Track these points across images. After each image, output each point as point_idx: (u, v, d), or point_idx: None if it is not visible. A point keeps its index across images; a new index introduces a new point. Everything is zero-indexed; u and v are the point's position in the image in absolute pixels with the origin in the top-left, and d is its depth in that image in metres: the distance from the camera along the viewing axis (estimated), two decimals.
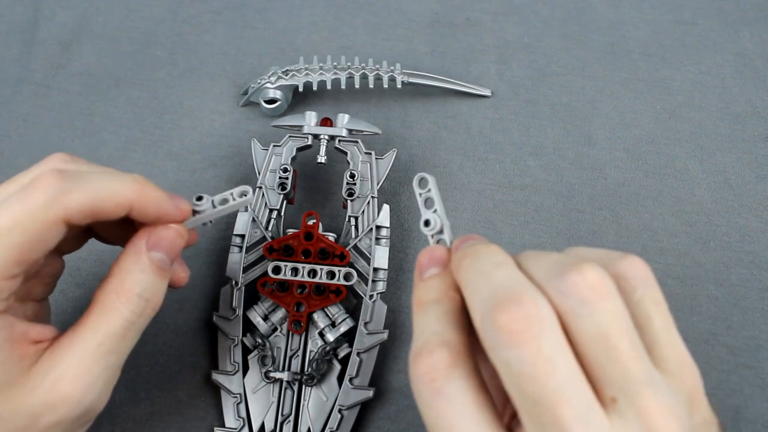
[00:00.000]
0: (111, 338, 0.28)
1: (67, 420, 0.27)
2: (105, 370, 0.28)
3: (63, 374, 0.27)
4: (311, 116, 0.41)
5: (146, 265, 0.29)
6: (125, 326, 0.28)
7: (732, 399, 0.38)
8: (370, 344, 0.37)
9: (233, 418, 0.36)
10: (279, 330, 0.37)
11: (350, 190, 0.40)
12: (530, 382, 0.21)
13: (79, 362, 0.27)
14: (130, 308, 0.28)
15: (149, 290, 0.29)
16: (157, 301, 0.29)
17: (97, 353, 0.28)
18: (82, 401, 0.27)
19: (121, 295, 0.28)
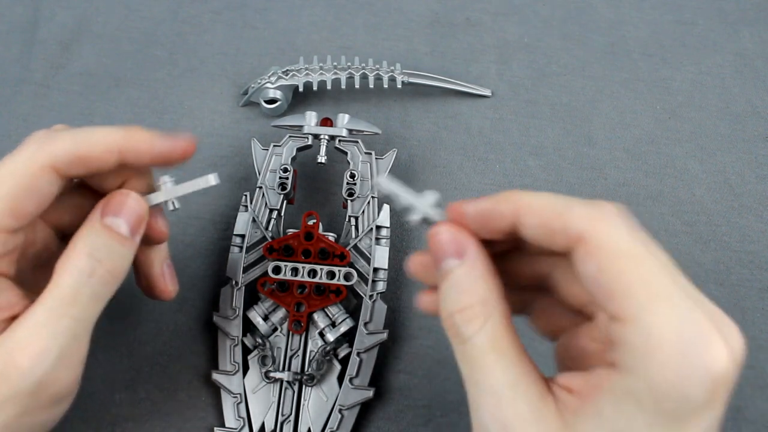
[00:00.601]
0: (60, 300, 0.27)
1: (20, 393, 0.26)
2: (56, 337, 0.26)
3: (16, 342, 0.26)
4: (311, 116, 0.41)
5: (98, 228, 0.28)
6: (74, 287, 0.27)
7: (732, 399, 0.38)
8: (370, 344, 0.37)
9: (233, 418, 0.36)
10: (279, 330, 0.37)
11: (350, 190, 0.40)
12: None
13: (30, 329, 0.26)
14: (78, 267, 0.27)
15: (101, 251, 0.28)
16: (114, 265, 0.28)
17: (46, 318, 0.26)
18: (34, 371, 0.26)
19: (71, 255, 0.27)
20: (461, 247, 0.25)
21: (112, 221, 0.28)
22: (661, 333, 0.21)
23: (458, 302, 0.25)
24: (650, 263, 0.22)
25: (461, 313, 0.24)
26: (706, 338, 0.21)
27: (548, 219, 0.24)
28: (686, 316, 0.21)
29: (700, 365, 0.21)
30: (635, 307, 0.22)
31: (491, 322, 0.24)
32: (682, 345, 0.21)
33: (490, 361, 0.24)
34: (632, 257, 0.22)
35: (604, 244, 0.23)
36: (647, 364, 0.21)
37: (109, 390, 0.38)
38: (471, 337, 0.24)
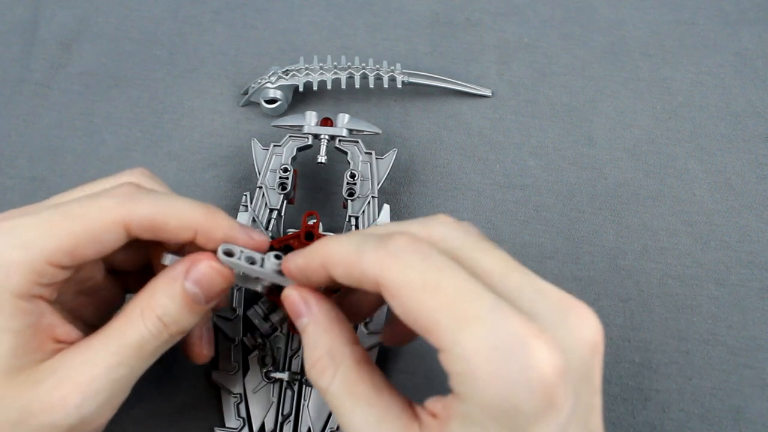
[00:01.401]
0: (125, 349, 0.27)
1: (59, 426, 0.26)
2: (111, 382, 0.27)
3: (68, 376, 0.26)
4: (311, 116, 0.41)
5: (176, 292, 0.28)
6: (140, 342, 0.27)
7: (732, 399, 0.38)
8: (370, 344, 0.37)
9: (233, 418, 0.36)
10: (279, 330, 0.37)
11: (350, 190, 0.40)
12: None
13: (86, 367, 0.26)
14: (148, 326, 0.27)
15: (171, 317, 0.27)
16: (177, 330, 0.28)
17: (106, 361, 0.27)
18: (80, 409, 0.26)
19: (145, 311, 0.27)
20: (307, 305, 0.27)
21: (193, 290, 0.28)
22: (475, 355, 0.21)
23: (311, 357, 0.26)
24: (448, 288, 0.22)
25: (314, 367, 0.26)
26: (522, 346, 0.21)
27: (348, 269, 0.24)
28: (498, 330, 0.21)
29: (520, 375, 0.21)
30: (446, 337, 0.21)
31: (342, 371, 0.25)
32: (498, 360, 0.21)
33: (349, 406, 0.25)
34: (427, 290, 0.22)
35: (398, 285, 0.22)
36: (472, 388, 0.21)
37: None
38: (327, 388, 0.25)
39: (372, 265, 0.23)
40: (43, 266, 0.26)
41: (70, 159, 0.44)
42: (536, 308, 0.23)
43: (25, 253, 0.26)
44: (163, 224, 0.27)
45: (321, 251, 0.26)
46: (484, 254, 0.24)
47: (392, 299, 0.23)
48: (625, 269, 0.41)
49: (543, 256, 0.41)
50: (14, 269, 0.26)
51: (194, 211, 0.28)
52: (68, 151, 0.44)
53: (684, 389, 0.38)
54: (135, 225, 0.27)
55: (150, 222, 0.27)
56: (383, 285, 0.23)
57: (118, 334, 0.27)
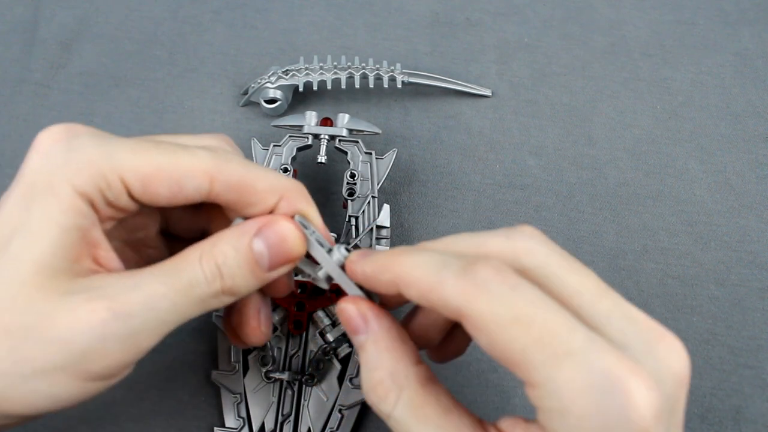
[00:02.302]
0: (174, 282, 0.25)
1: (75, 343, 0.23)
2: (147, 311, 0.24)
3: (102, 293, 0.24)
4: (311, 116, 0.41)
5: (243, 246, 0.26)
6: (191, 282, 0.25)
7: (732, 399, 0.38)
8: None
9: (233, 418, 0.36)
10: (279, 330, 0.37)
11: (350, 190, 0.40)
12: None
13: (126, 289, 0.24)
14: (204, 270, 0.25)
15: (230, 269, 0.25)
16: (230, 285, 0.26)
17: (150, 288, 0.24)
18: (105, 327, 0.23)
19: (205, 255, 0.25)
20: (361, 325, 0.25)
21: (260, 249, 0.26)
22: (569, 393, 0.20)
23: (370, 380, 0.24)
24: (539, 323, 0.21)
25: (375, 391, 0.24)
26: (620, 385, 0.20)
27: (425, 294, 0.23)
28: (593, 367, 0.20)
29: (618, 415, 0.20)
30: (538, 373, 0.20)
31: (406, 393, 0.24)
32: (594, 399, 0.20)
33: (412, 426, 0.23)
34: (517, 324, 0.21)
35: (485, 319, 0.21)
36: (565, 425, 0.20)
37: (109, 390, 0.38)
38: (390, 413, 0.24)
39: (455, 296, 0.22)
40: (114, 179, 0.25)
41: None
42: (627, 338, 0.22)
43: (104, 157, 0.25)
44: (251, 186, 0.26)
45: (395, 266, 0.24)
46: (571, 274, 0.23)
47: (478, 333, 0.22)
48: (625, 269, 0.41)
49: None
50: (86, 166, 0.25)
51: (283, 180, 0.27)
52: None
53: None
54: (220, 182, 0.26)
55: (238, 182, 0.26)
56: (467, 317, 0.22)
57: (169, 268, 0.25)
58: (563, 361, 0.20)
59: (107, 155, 0.25)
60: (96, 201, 0.25)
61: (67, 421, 0.37)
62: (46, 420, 0.37)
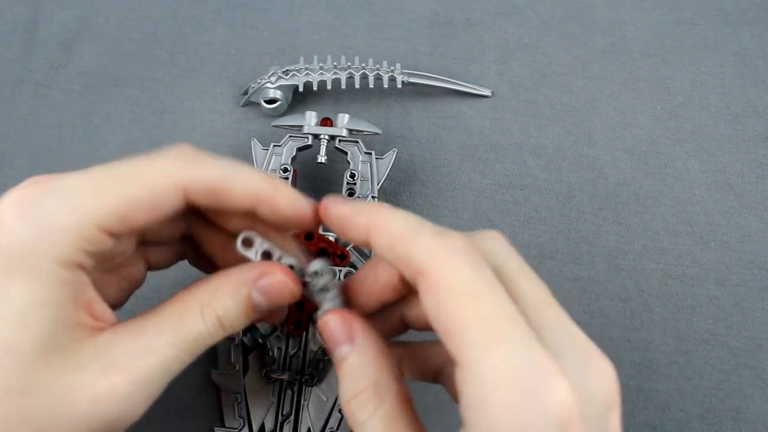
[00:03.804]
0: (182, 342, 0.24)
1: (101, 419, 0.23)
2: (163, 374, 0.24)
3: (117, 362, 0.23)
4: (311, 116, 0.41)
5: (241, 298, 0.26)
6: (197, 338, 0.25)
7: (732, 399, 0.38)
8: None
9: (233, 418, 0.36)
10: (279, 330, 0.37)
11: (350, 190, 0.40)
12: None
13: (141, 355, 0.24)
14: (207, 325, 0.25)
15: (230, 320, 0.26)
16: (231, 332, 0.26)
17: (163, 352, 0.24)
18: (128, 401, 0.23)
19: (206, 309, 0.25)
20: (351, 333, 0.25)
21: (258, 299, 0.26)
22: (494, 376, 0.20)
23: (353, 388, 0.24)
24: (489, 303, 0.21)
25: (356, 399, 0.24)
26: (544, 379, 0.20)
27: (395, 244, 0.23)
28: (522, 358, 0.20)
29: (537, 407, 0.20)
30: (470, 352, 0.20)
31: (384, 406, 0.23)
32: (516, 387, 0.20)
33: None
34: (471, 296, 0.21)
35: (443, 281, 0.21)
36: (483, 413, 0.20)
37: None
38: (365, 423, 0.23)
39: (423, 252, 0.22)
40: (92, 232, 0.23)
41: (70, 159, 0.44)
42: (562, 349, 0.22)
43: (74, 216, 0.23)
44: (226, 189, 0.25)
45: (371, 213, 0.24)
46: (525, 280, 0.23)
47: (429, 294, 0.22)
48: (625, 269, 0.41)
49: (543, 256, 0.41)
50: (61, 235, 0.23)
51: (260, 178, 0.26)
52: (68, 151, 0.44)
53: (684, 389, 0.38)
54: (195, 189, 0.25)
55: (213, 186, 0.25)
56: (427, 275, 0.22)
57: (176, 325, 0.25)
58: (497, 346, 0.20)
59: (76, 213, 0.24)
60: (81, 262, 0.24)
61: None
62: None
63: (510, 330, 0.21)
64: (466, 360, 0.21)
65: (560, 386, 0.20)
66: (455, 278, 0.21)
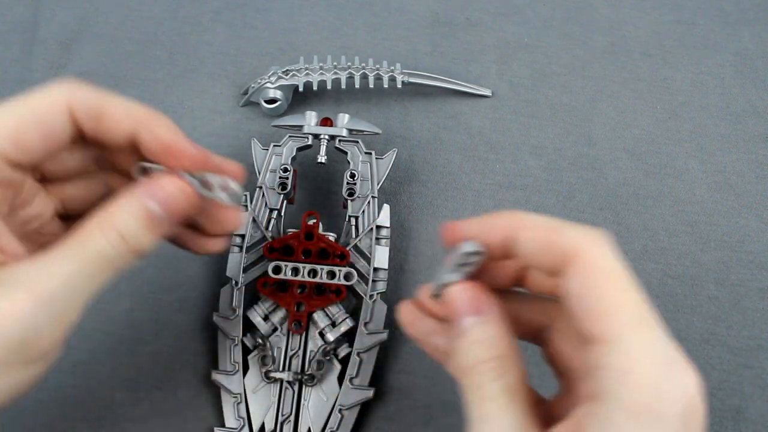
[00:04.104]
0: (84, 257, 0.25)
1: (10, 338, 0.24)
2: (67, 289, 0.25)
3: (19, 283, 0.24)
4: (311, 116, 0.41)
5: (136, 210, 0.26)
6: (100, 252, 0.26)
7: (732, 399, 0.38)
8: (370, 344, 0.37)
9: (233, 418, 0.36)
10: (279, 330, 0.37)
11: (350, 190, 0.40)
12: None
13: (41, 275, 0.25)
14: (109, 239, 0.26)
15: (131, 233, 0.26)
16: (137, 247, 0.27)
17: (64, 269, 0.25)
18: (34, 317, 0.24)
19: (104, 225, 0.26)
20: (481, 305, 0.26)
21: (152, 205, 0.27)
22: (640, 354, 0.21)
23: (481, 355, 0.25)
24: (634, 290, 0.23)
25: (485, 364, 0.25)
26: (681, 366, 0.22)
27: (546, 234, 0.24)
28: (664, 344, 0.22)
29: (675, 388, 0.21)
30: (617, 328, 0.22)
31: (509, 376, 0.24)
32: (660, 368, 0.21)
33: (503, 404, 0.24)
34: (619, 281, 0.23)
35: (596, 263, 0.23)
36: (626, 384, 0.21)
37: (109, 390, 0.38)
38: (489, 383, 0.24)
39: (576, 238, 0.24)
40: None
41: None
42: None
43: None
44: (108, 112, 0.27)
45: (513, 215, 0.26)
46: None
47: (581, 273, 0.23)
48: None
49: None
50: None
51: (138, 106, 0.28)
52: None
53: None
54: (80, 111, 0.26)
55: (96, 108, 0.27)
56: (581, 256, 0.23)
57: (77, 245, 0.26)
58: (646, 329, 0.22)
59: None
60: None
61: (67, 421, 0.37)
62: (46, 420, 0.37)
63: (653, 319, 0.22)
64: (611, 336, 0.22)
65: (695, 380, 0.22)
66: (608, 263, 0.23)
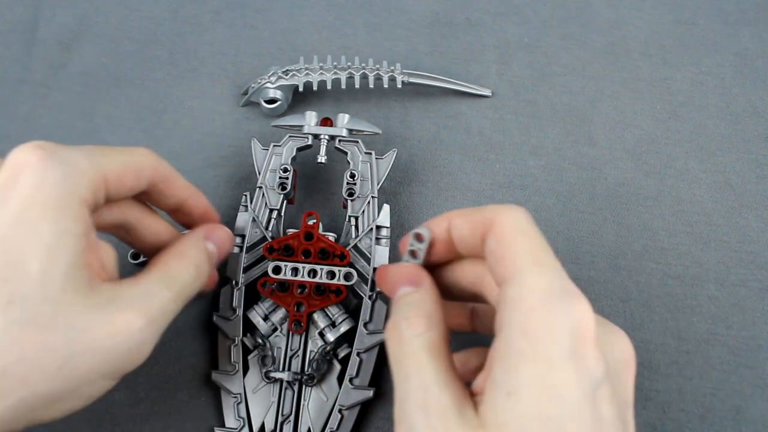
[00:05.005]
0: (175, 287, 0.29)
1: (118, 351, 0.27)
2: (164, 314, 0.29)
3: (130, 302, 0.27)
4: (311, 116, 0.41)
5: (202, 248, 0.32)
6: (185, 283, 0.30)
7: (732, 399, 0.38)
8: (370, 344, 0.37)
9: (233, 418, 0.36)
10: (279, 330, 0.37)
11: (350, 190, 0.40)
12: None
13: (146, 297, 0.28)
14: (189, 271, 0.31)
15: (202, 267, 0.31)
16: (202, 282, 0.32)
17: (162, 295, 0.28)
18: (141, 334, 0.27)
19: (183, 258, 0.31)
20: (418, 279, 0.29)
21: (211, 248, 0.33)
22: (533, 285, 0.24)
23: (407, 313, 0.27)
24: (538, 243, 0.26)
25: (407, 320, 0.27)
26: (572, 294, 0.24)
27: (470, 215, 0.28)
28: (558, 277, 0.25)
29: (564, 312, 0.24)
30: (518, 268, 0.25)
31: (432, 333, 0.27)
32: (551, 295, 0.24)
33: (424, 359, 0.26)
34: (525, 234, 0.26)
35: (506, 224, 0.27)
36: (519, 309, 0.24)
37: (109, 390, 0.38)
38: (411, 339, 0.26)
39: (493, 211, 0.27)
40: (100, 183, 0.28)
41: None
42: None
43: (92, 165, 0.28)
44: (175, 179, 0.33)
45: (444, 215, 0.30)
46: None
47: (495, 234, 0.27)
48: (625, 269, 0.41)
49: None
50: (81, 175, 0.27)
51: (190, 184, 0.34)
52: None
53: (684, 389, 0.38)
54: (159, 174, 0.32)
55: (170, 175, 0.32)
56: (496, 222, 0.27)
57: (164, 275, 0.30)
58: (541, 267, 0.25)
59: (93, 163, 0.28)
60: (92, 205, 0.28)
61: (67, 421, 0.37)
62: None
63: (552, 261, 0.26)
64: (512, 275, 0.25)
65: (584, 306, 0.24)
66: (517, 224, 0.27)
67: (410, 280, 0.29)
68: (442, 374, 0.25)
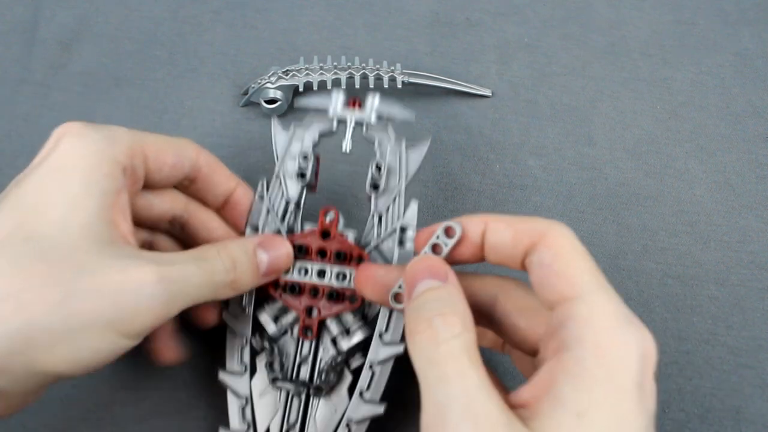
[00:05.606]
0: (200, 266, 0.29)
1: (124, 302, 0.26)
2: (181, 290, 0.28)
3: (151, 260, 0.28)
4: (338, 97, 0.37)
5: (248, 249, 0.31)
6: (210, 271, 0.29)
7: (732, 399, 0.38)
8: (385, 356, 0.33)
9: (238, 421, 0.34)
10: (289, 333, 0.35)
11: (374, 183, 0.35)
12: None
13: (166, 263, 0.28)
14: (224, 261, 0.30)
15: (241, 266, 0.31)
16: (238, 279, 0.31)
17: (185, 270, 0.28)
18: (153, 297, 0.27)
19: (221, 249, 0.30)
20: (443, 273, 0.28)
21: (262, 258, 0.32)
22: (603, 307, 0.25)
23: (439, 309, 0.26)
24: (595, 266, 0.26)
25: (443, 317, 0.25)
26: (637, 322, 0.25)
27: (515, 223, 0.28)
28: (621, 305, 0.25)
29: (634, 336, 0.24)
30: (585, 288, 0.25)
31: (469, 335, 0.25)
32: (620, 319, 0.25)
33: (465, 363, 0.24)
34: (584, 255, 0.27)
35: (562, 241, 0.27)
36: (592, 329, 0.24)
37: (109, 390, 0.38)
38: (449, 339, 0.25)
39: (543, 224, 0.27)
40: (140, 151, 0.31)
41: None
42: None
43: (132, 135, 0.31)
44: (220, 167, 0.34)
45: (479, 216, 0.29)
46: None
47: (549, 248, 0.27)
48: (625, 269, 0.41)
49: None
50: (123, 141, 0.30)
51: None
52: None
53: (684, 389, 0.38)
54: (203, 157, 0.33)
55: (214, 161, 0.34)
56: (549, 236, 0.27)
57: (195, 254, 0.30)
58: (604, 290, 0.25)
59: (133, 134, 0.31)
60: (128, 168, 0.30)
61: (67, 421, 0.37)
62: (46, 420, 0.37)
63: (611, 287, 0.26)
64: (578, 293, 0.25)
65: (650, 336, 0.25)
66: (570, 242, 0.27)
67: (434, 273, 0.27)
68: (485, 382, 0.24)
